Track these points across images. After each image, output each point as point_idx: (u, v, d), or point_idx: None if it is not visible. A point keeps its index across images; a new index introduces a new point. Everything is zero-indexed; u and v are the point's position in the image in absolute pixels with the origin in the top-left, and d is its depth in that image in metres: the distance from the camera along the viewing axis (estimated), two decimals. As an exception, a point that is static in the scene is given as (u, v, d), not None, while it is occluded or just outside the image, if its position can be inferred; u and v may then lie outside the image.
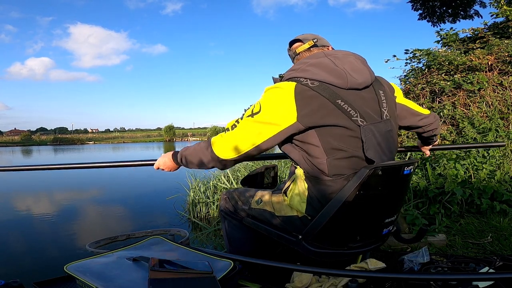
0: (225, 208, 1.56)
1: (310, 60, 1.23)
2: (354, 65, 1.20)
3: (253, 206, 1.43)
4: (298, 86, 1.15)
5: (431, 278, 1.31)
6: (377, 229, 1.26)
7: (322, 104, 1.12)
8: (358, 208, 1.14)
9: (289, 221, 1.29)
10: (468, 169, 3.24)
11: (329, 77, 1.16)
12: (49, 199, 7.19)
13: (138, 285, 0.97)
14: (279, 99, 1.16)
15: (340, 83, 1.16)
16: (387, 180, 1.17)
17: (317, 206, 1.19)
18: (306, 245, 1.21)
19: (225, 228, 1.58)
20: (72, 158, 20.58)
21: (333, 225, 1.15)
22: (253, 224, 1.41)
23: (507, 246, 2.12)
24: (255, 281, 1.37)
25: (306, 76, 1.18)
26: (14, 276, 1.26)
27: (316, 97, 1.13)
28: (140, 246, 1.31)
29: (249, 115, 1.20)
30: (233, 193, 1.56)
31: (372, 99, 1.21)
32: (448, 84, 4.52)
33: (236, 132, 1.21)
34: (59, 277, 1.35)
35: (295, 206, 1.26)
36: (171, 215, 5.00)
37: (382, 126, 1.19)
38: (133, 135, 66.71)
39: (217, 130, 51.42)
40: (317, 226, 1.17)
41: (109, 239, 1.82)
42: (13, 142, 48.46)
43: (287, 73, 1.27)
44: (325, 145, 1.14)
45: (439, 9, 8.15)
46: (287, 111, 1.14)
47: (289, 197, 1.29)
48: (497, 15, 5.98)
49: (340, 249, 1.22)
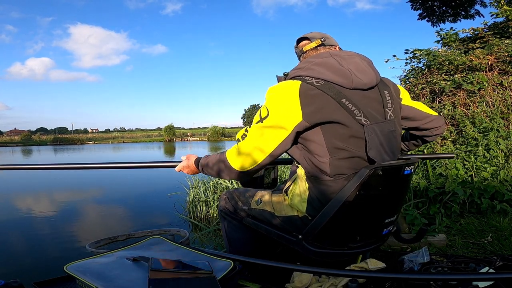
0: (225, 208, 1.55)
1: (315, 59, 1.24)
2: (359, 66, 1.21)
3: (253, 206, 1.43)
4: (303, 85, 1.15)
5: (431, 278, 1.31)
6: (377, 229, 1.26)
7: (327, 102, 1.13)
8: (358, 208, 1.14)
9: (289, 221, 1.29)
10: (469, 169, 3.24)
11: (335, 76, 1.16)
12: (49, 199, 7.19)
13: (138, 285, 0.97)
14: (284, 99, 1.15)
15: (345, 83, 1.16)
16: (388, 180, 1.17)
17: (317, 206, 1.19)
18: (306, 245, 1.21)
19: (225, 228, 1.58)
20: (72, 158, 20.57)
21: (334, 225, 1.15)
22: (253, 224, 1.41)
23: (507, 246, 2.12)
24: (255, 281, 1.37)
25: (312, 75, 1.19)
26: (14, 276, 1.26)
27: (320, 95, 1.13)
28: (140, 246, 1.31)
29: (258, 121, 1.19)
30: (233, 193, 1.55)
31: (377, 99, 1.21)
32: (448, 84, 4.51)
33: (248, 142, 1.20)
34: (59, 277, 1.35)
35: (295, 206, 1.26)
36: (171, 215, 5.00)
37: (385, 126, 1.20)
38: (133, 135, 66.70)
39: (217, 130, 51.51)
40: (317, 226, 1.17)
41: (109, 239, 1.82)
42: (13, 142, 48.46)
43: (292, 72, 1.27)
44: (329, 144, 1.14)
45: (438, 8, 8.15)
46: (292, 110, 1.13)
47: (290, 197, 1.29)
48: (497, 15, 5.98)
49: (340, 249, 1.22)
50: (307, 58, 1.30)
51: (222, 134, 52.30)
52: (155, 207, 5.95)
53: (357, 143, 1.15)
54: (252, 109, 63.36)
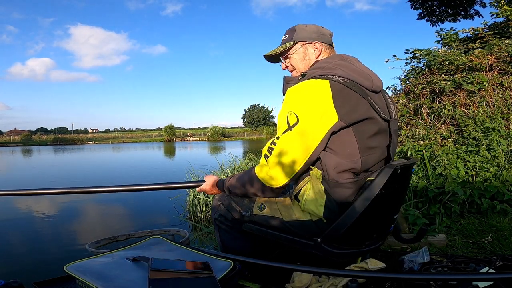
0: (220, 216, 1.43)
1: (333, 60, 1.25)
2: (369, 70, 1.26)
3: (256, 212, 1.34)
4: (332, 83, 1.12)
5: (431, 278, 1.31)
6: (388, 225, 1.31)
7: (358, 101, 1.13)
8: (378, 206, 1.16)
9: (301, 225, 1.24)
10: (470, 169, 3.24)
11: (359, 77, 1.18)
12: (49, 198, 7.18)
13: (138, 285, 0.97)
14: (314, 100, 1.10)
15: (367, 84, 1.18)
16: (401, 178, 1.22)
17: (335, 209, 1.17)
18: (327, 248, 1.20)
19: (220, 237, 1.48)
20: (72, 158, 20.57)
21: (356, 225, 1.16)
22: (256, 230, 1.35)
23: (507, 246, 2.12)
24: (255, 281, 1.37)
25: (335, 74, 1.16)
26: (14, 276, 1.26)
27: (351, 94, 1.13)
28: (140, 246, 1.31)
29: (286, 130, 1.12)
30: (229, 199, 1.42)
31: (383, 101, 1.26)
32: (448, 84, 4.51)
33: (279, 154, 1.12)
34: (59, 277, 1.35)
35: (310, 210, 1.21)
36: (171, 215, 5.00)
37: (394, 124, 1.26)
38: (133, 135, 66.69)
39: (217, 130, 51.47)
40: (341, 227, 1.15)
41: (109, 239, 1.82)
42: (13, 142, 48.45)
43: (310, 71, 1.24)
44: (360, 142, 1.14)
45: (438, 8, 8.15)
46: (326, 111, 1.09)
47: (302, 201, 1.22)
48: (497, 15, 5.98)
49: (358, 247, 1.25)
50: (322, 60, 1.30)
51: (222, 134, 52.29)
52: (155, 207, 5.95)
53: (383, 141, 1.20)
54: (252, 109, 63.13)
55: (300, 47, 1.35)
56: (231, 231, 1.43)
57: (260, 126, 59.44)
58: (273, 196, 1.25)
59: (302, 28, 1.35)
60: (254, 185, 1.20)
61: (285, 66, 1.41)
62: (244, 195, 1.29)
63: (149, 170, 11.31)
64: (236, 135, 55.98)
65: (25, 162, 18.96)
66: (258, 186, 1.19)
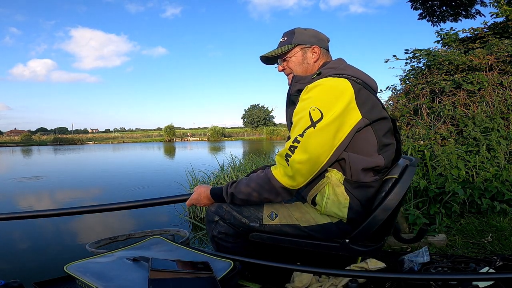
0: (220, 233, 1.30)
1: (341, 62, 1.30)
2: None
3: (267, 222, 1.25)
4: (352, 82, 1.14)
5: (431, 278, 1.31)
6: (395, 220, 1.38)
7: (374, 100, 1.19)
8: (400, 202, 1.20)
9: (321, 229, 1.22)
10: (470, 169, 3.24)
11: (368, 78, 1.24)
12: (49, 198, 7.18)
13: (138, 285, 0.97)
14: (339, 97, 1.09)
15: (374, 86, 1.26)
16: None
17: (358, 208, 1.17)
18: (355, 247, 1.21)
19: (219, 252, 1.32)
20: (72, 157, 20.56)
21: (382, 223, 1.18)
22: (268, 239, 1.27)
23: (507, 246, 2.12)
24: (255, 281, 1.37)
25: (349, 74, 1.20)
26: (14, 276, 1.26)
27: (368, 94, 1.17)
28: (140, 246, 1.31)
29: (309, 126, 1.08)
30: (228, 211, 1.29)
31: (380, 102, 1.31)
32: (448, 84, 4.51)
33: (303, 152, 1.07)
34: (59, 277, 1.35)
35: (332, 213, 1.18)
36: (171, 215, 4.99)
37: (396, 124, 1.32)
38: (133, 135, 66.65)
39: (217, 130, 51.43)
40: (372, 226, 1.15)
41: (109, 239, 1.82)
42: (13, 142, 48.42)
43: (325, 70, 1.24)
44: (379, 140, 1.18)
45: (438, 8, 8.14)
46: (350, 108, 1.10)
47: (322, 205, 1.18)
48: (497, 15, 5.97)
49: (379, 243, 1.27)
50: (331, 61, 1.32)
51: (222, 134, 52.28)
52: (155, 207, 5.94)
53: (393, 138, 1.25)
54: (252, 109, 63.08)
55: (299, 51, 1.34)
56: (234, 247, 1.31)
57: (260, 126, 59.46)
58: (288, 198, 1.19)
59: (302, 31, 1.35)
60: (269, 188, 1.15)
61: (282, 68, 1.39)
62: (250, 201, 1.21)
63: (148, 170, 11.31)
64: (236, 135, 55.97)
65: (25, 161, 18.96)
66: (274, 188, 1.14)
